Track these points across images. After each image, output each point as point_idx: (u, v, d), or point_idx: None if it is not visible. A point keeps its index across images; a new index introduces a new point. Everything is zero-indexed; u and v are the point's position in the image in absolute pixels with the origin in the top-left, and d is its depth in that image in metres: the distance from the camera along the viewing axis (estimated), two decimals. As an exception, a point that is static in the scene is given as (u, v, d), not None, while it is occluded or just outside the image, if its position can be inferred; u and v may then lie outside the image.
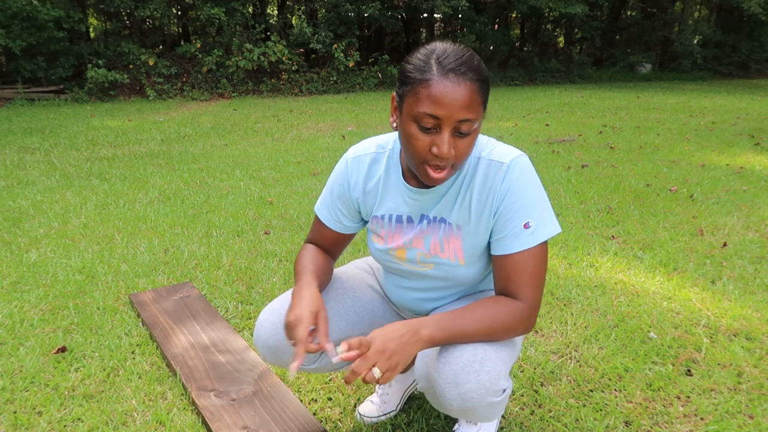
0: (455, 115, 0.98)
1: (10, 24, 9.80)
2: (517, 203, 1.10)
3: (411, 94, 1.00)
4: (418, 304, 1.34)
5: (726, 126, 7.17)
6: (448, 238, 1.18)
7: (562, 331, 2.04)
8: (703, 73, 17.73)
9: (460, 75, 0.97)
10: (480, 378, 1.06)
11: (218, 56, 11.59)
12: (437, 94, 0.97)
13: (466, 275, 1.22)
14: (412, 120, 1.01)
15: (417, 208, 1.20)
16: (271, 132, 7.02)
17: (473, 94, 0.98)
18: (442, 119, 0.98)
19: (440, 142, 1.00)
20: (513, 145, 5.76)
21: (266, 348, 1.28)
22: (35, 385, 1.72)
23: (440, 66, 0.98)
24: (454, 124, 0.99)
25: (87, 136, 6.59)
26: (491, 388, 1.07)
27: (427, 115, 0.98)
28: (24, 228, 3.25)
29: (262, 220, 3.42)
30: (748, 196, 3.80)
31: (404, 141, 1.04)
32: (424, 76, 0.98)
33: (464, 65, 0.98)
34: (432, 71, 0.98)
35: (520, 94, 12.10)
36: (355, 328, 1.37)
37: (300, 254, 1.32)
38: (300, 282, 1.19)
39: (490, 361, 1.08)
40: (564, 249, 2.86)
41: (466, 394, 1.07)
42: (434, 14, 14.56)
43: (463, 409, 1.09)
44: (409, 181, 1.19)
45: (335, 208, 1.30)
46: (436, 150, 1.00)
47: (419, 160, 1.04)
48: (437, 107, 0.97)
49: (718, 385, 1.69)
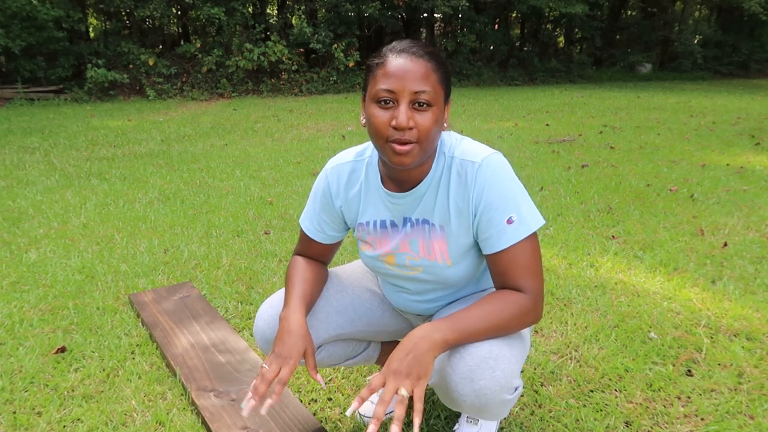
0: (409, 86, 1.02)
1: (10, 24, 9.79)
2: (496, 201, 1.11)
3: (370, 79, 1.06)
4: (418, 306, 1.34)
5: (726, 126, 7.17)
6: (433, 240, 1.19)
7: (563, 331, 2.04)
8: (703, 73, 17.73)
9: (412, 54, 1.04)
10: (495, 374, 1.07)
11: (218, 56, 11.59)
12: (391, 70, 1.03)
13: (454, 275, 1.22)
14: (372, 102, 1.05)
15: (398, 212, 1.21)
16: (271, 132, 7.02)
17: (428, 70, 1.03)
18: (397, 92, 1.02)
19: (398, 114, 1.02)
20: (513, 145, 5.78)
21: (264, 339, 1.30)
22: (35, 385, 1.72)
23: (393, 50, 1.05)
24: (410, 96, 1.02)
25: (87, 136, 6.59)
26: (506, 385, 1.08)
27: (382, 90, 1.03)
28: (24, 228, 3.25)
29: (262, 220, 3.42)
30: (748, 196, 3.79)
31: (368, 124, 1.07)
32: (380, 59, 1.06)
33: (416, 46, 1.05)
34: (386, 55, 1.05)
35: (520, 94, 12.10)
36: (353, 324, 1.37)
37: (289, 269, 1.33)
38: (288, 307, 1.21)
39: (505, 358, 1.08)
40: (564, 249, 2.86)
41: (480, 391, 1.07)
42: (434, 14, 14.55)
43: (476, 405, 1.09)
44: (388, 185, 1.20)
45: (320, 220, 1.31)
46: (395, 122, 1.02)
47: (382, 139, 1.05)
48: (391, 81, 1.02)
49: (719, 386, 1.69)
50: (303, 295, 1.25)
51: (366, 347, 1.46)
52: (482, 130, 6.96)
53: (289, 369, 1.13)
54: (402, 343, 1.04)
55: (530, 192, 3.99)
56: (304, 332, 1.18)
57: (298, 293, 1.25)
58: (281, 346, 1.15)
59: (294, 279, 1.28)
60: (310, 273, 1.30)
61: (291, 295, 1.25)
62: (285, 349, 1.14)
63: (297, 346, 1.15)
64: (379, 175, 1.21)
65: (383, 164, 1.17)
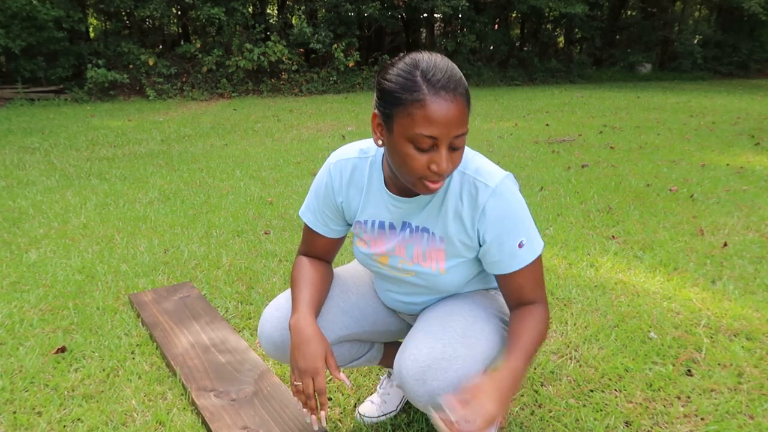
0: (451, 132, 0.97)
1: (10, 24, 9.79)
2: (509, 226, 1.11)
3: (403, 115, 0.97)
4: (404, 307, 1.35)
5: (726, 126, 7.17)
6: (430, 249, 1.19)
7: (562, 331, 2.04)
8: (703, 73, 17.72)
9: (451, 91, 0.95)
10: (447, 375, 1.07)
11: (218, 56, 11.59)
12: (433, 115, 0.95)
13: (446, 283, 1.22)
14: (406, 141, 0.99)
15: (399, 216, 1.20)
16: (271, 132, 7.02)
17: (464, 108, 0.98)
18: (439, 138, 0.97)
19: (439, 160, 0.99)
20: (513, 145, 5.79)
21: (271, 343, 1.29)
22: (35, 385, 1.72)
23: (430, 84, 0.95)
24: (450, 140, 0.98)
25: (87, 136, 6.59)
26: (460, 386, 1.06)
27: (424, 137, 0.96)
28: (24, 228, 3.25)
29: (262, 220, 3.42)
30: (748, 196, 3.80)
31: (398, 161, 1.02)
32: (416, 96, 0.95)
33: (452, 80, 0.96)
34: (423, 90, 0.95)
35: (520, 94, 12.10)
36: (359, 325, 1.37)
37: (294, 271, 1.31)
38: (297, 313, 1.20)
39: (460, 358, 1.08)
40: (564, 249, 2.86)
41: (432, 392, 1.07)
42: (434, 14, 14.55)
43: (432, 406, 1.08)
44: (391, 188, 1.19)
45: (322, 213, 1.29)
46: (436, 168, 0.99)
47: (416, 177, 1.02)
48: (435, 128, 0.95)
49: (719, 386, 1.69)
50: (311, 299, 1.24)
51: (370, 348, 1.46)
52: (482, 130, 6.96)
53: (322, 378, 1.15)
54: (488, 398, 0.97)
55: (530, 192, 4.00)
56: (319, 336, 1.17)
57: (306, 297, 1.23)
58: (303, 360, 1.15)
59: (300, 282, 1.27)
60: (317, 274, 1.29)
61: (299, 299, 1.23)
62: (308, 363, 1.15)
63: (318, 354, 1.15)
64: (383, 177, 1.20)
65: (390, 168, 1.15)
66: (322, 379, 1.15)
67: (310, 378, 1.15)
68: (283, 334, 1.27)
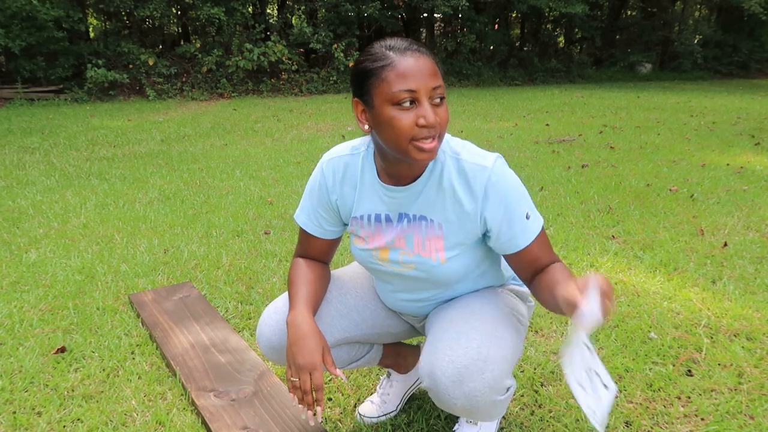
0: (428, 83, 1.02)
1: (10, 24, 9.79)
2: (513, 203, 1.13)
3: (378, 83, 1.03)
4: (410, 306, 1.34)
5: (726, 126, 7.17)
6: (429, 237, 1.19)
7: (563, 331, 2.04)
8: (703, 73, 17.72)
9: (415, 51, 1.03)
10: (484, 376, 1.07)
11: (218, 56, 11.58)
12: (405, 70, 1.01)
13: (446, 274, 1.22)
14: (388, 104, 1.03)
15: (394, 207, 1.20)
16: (271, 132, 7.02)
17: (434, 65, 1.04)
18: (417, 91, 1.01)
19: (424, 112, 1.02)
20: (513, 145, 5.79)
21: (269, 346, 1.29)
22: (35, 385, 1.72)
23: (395, 50, 1.04)
24: (429, 92, 1.02)
25: (87, 136, 6.59)
26: (495, 386, 1.08)
27: (403, 92, 1.01)
28: (23, 228, 3.25)
29: (262, 220, 3.42)
30: (748, 196, 3.79)
31: (386, 128, 1.04)
32: (385, 62, 1.03)
33: (413, 44, 1.05)
34: (389, 55, 1.03)
35: (520, 94, 12.10)
36: (358, 327, 1.37)
37: (291, 272, 1.31)
38: (294, 310, 1.21)
39: (495, 359, 1.09)
40: (564, 249, 2.86)
41: (470, 393, 1.07)
42: (434, 14, 14.54)
43: (467, 407, 1.09)
44: (384, 179, 1.19)
45: (317, 215, 1.29)
46: (423, 120, 1.02)
47: (406, 140, 1.03)
48: (410, 80, 1.01)
49: (719, 386, 1.69)
50: (308, 296, 1.24)
51: (369, 350, 1.46)
52: (482, 130, 6.96)
53: (319, 374, 1.16)
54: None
55: (530, 192, 3.99)
56: (316, 331, 1.18)
57: (302, 295, 1.24)
58: (300, 356, 1.15)
59: (297, 282, 1.27)
60: (313, 274, 1.30)
61: (296, 297, 1.24)
62: (306, 359, 1.15)
63: (315, 349, 1.16)
64: (375, 168, 1.20)
65: (382, 158, 1.16)
66: (319, 374, 1.15)
67: (307, 374, 1.15)
68: (281, 337, 1.27)
